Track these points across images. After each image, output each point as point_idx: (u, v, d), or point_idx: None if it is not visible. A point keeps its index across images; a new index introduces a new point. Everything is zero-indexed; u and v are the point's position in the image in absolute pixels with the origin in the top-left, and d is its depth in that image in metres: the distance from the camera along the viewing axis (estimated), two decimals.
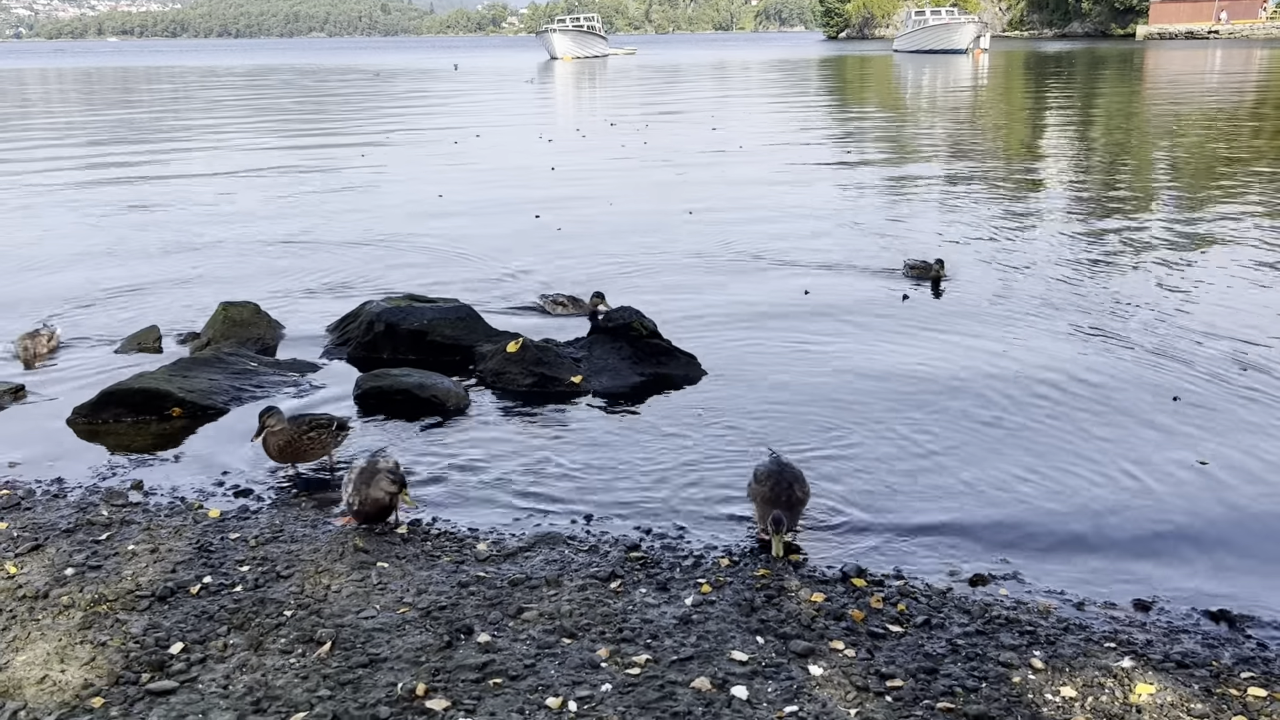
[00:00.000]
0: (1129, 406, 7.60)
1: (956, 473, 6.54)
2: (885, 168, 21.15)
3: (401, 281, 11.61)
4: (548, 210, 16.26)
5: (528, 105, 43.50)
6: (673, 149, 24.70)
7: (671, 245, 13.54)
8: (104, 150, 26.41)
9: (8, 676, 4.42)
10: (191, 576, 5.25)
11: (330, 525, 5.91)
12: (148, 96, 52.02)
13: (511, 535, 5.80)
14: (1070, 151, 23.44)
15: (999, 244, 13.32)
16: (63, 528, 5.85)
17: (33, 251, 13.58)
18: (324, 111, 40.49)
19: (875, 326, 9.77)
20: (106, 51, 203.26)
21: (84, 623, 4.83)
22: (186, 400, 7.62)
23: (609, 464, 6.78)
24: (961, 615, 4.93)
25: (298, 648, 4.61)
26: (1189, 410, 7.51)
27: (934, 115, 33.64)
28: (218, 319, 9.27)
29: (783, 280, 11.58)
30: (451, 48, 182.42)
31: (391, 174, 21.08)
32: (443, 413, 7.74)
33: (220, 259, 13.12)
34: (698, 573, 5.33)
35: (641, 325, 8.81)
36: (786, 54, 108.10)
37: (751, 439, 7.11)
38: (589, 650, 4.58)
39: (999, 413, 7.53)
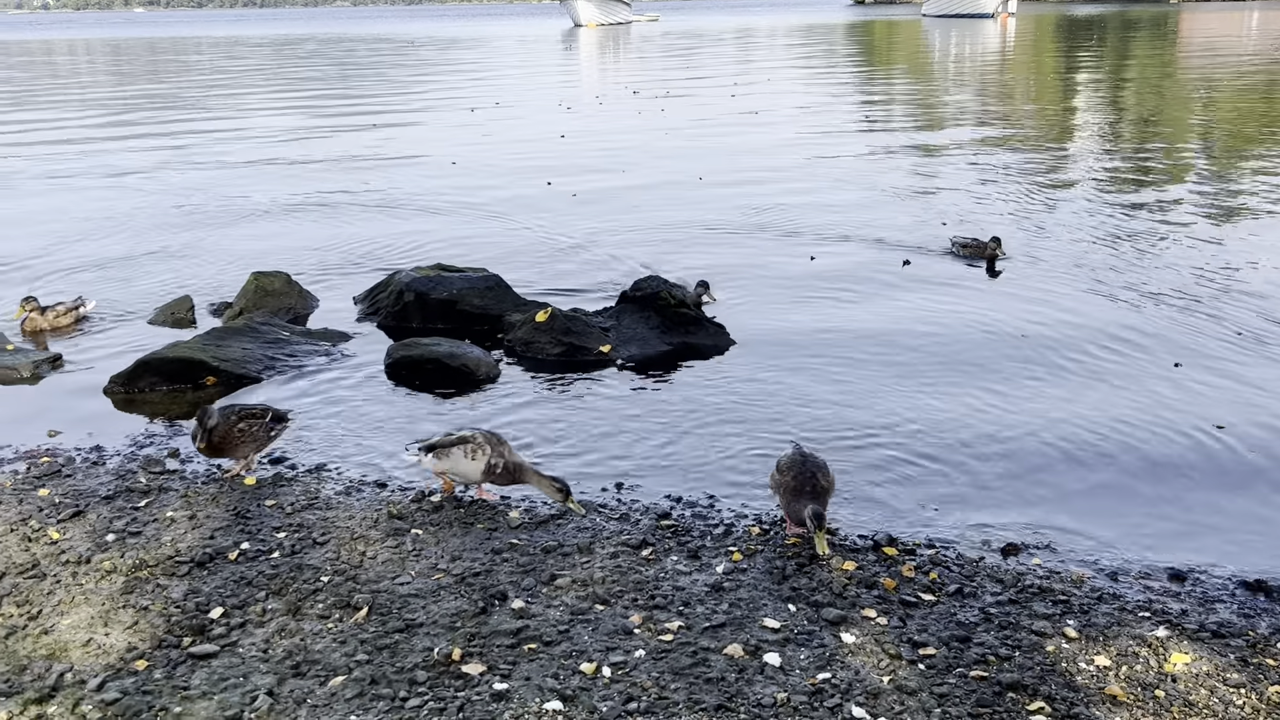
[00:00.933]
0: (1160, 375, 7.54)
1: (988, 442, 6.52)
2: (906, 135, 20.93)
3: (421, 249, 11.66)
4: (561, 177, 16.33)
5: (550, 73, 43.29)
6: (690, 117, 24.64)
7: (686, 213, 13.57)
8: (133, 121, 26.54)
9: (54, 639, 4.51)
10: (230, 543, 5.33)
11: (363, 492, 5.97)
12: (177, 67, 52.18)
13: (543, 503, 5.84)
14: (1100, 119, 23.11)
15: (1032, 215, 13.18)
16: (103, 494, 5.94)
17: (65, 222, 13.69)
18: (347, 81, 40.47)
19: (903, 297, 9.71)
20: (133, 22, 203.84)
21: (126, 587, 4.92)
22: (221, 369, 7.70)
23: (638, 432, 6.80)
24: (994, 584, 4.93)
25: (335, 613, 4.68)
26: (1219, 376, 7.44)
27: (956, 82, 33.21)
28: (250, 289, 9.34)
29: (799, 249, 11.51)
30: (475, 15, 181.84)
31: (407, 142, 21.08)
32: (473, 381, 7.78)
33: (250, 228, 13.20)
34: (728, 541, 5.35)
35: (670, 295, 8.80)
36: (811, 19, 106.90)
37: (779, 408, 7.11)
38: (622, 617, 4.62)
39: (1034, 384, 7.49)
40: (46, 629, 4.60)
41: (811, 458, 5.45)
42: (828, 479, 5.37)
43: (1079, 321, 8.76)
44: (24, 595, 4.88)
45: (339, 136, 22.35)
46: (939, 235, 11.83)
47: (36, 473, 6.28)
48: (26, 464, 6.43)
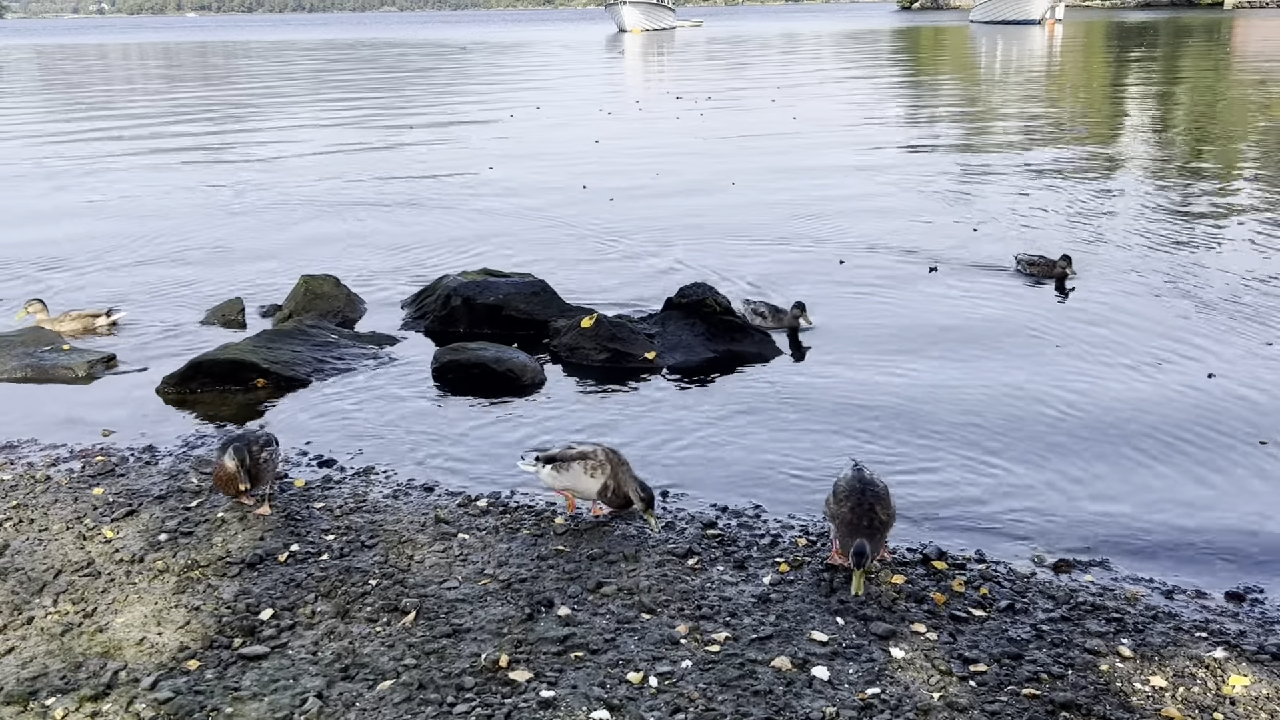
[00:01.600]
0: (1218, 397, 7.40)
1: (1040, 457, 6.44)
2: (948, 143, 20.76)
3: (462, 253, 11.74)
4: (596, 180, 16.49)
5: (593, 78, 43.40)
6: (729, 122, 24.66)
7: (722, 217, 13.60)
8: (184, 125, 26.96)
9: (108, 637, 4.58)
10: (279, 544, 5.38)
11: (410, 496, 6.00)
12: (228, 71, 52.93)
13: (589, 509, 5.84)
14: (1152, 127, 22.76)
15: (1088, 228, 13.01)
16: (155, 494, 6.02)
17: (119, 223, 13.93)
18: (396, 86, 40.83)
19: (950, 306, 9.61)
20: (185, 26, 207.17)
21: (178, 587, 4.98)
22: (271, 371, 7.79)
23: (683, 440, 6.79)
24: (1046, 601, 4.86)
25: (383, 616, 4.71)
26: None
27: (999, 89, 32.87)
28: (299, 291, 9.45)
29: (833, 254, 11.42)
30: (520, 20, 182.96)
31: (450, 147, 21.24)
32: (518, 386, 7.81)
33: (298, 231, 13.35)
34: (775, 551, 5.32)
35: (715, 302, 8.78)
36: (856, 25, 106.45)
37: (826, 418, 7.06)
38: (668, 626, 4.61)
39: (1088, 402, 7.37)
40: (101, 627, 4.67)
41: (871, 486, 5.08)
42: (887, 511, 5.01)
43: (1146, 345, 8.62)
44: (79, 593, 4.95)
45: (385, 141, 22.55)
46: (970, 242, 11.72)
47: (91, 471, 6.38)
48: (81, 463, 6.53)
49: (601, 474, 5.50)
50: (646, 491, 5.49)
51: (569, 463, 5.56)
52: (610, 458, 5.55)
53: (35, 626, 4.68)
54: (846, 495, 5.04)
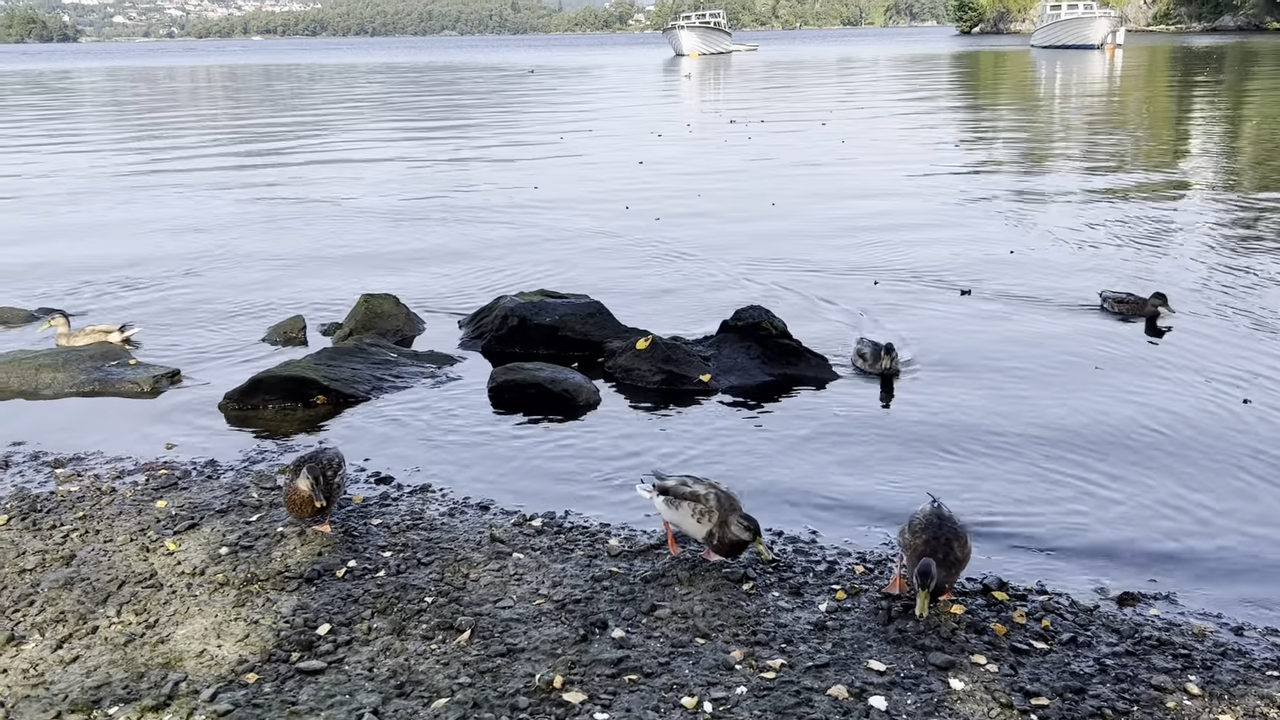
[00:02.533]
0: None
1: (1103, 488, 6.31)
2: (998, 167, 20.52)
3: (512, 273, 11.82)
4: (640, 201, 16.73)
5: (648, 102, 43.60)
6: (776, 145, 24.73)
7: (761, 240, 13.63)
8: (250, 146, 27.53)
9: (170, 648, 4.65)
10: (337, 560, 5.43)
11: (466, 514, 6.03)
12: (293, 93, 54.01)
13: (643, 532, 5.83)
14: (1207, 155, 22.32)
15: (1154, 257, 12.78)
16: (216, 508, 6.12)
17: (186, 241, 14.23)
18: (455, 107, 41.36)
19: (1007, 333, 9.48)
20: (252, 49, 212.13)
21: (238, 600, 5.04)
22: (330, 388, 7.89)
23: (738, 464, 6.76)
24: (1110, 634, 4.75)
25: (438, 634, 4.73)
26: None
27: (1052, 115, 32.46)
28: (359, 310, 9.58)
29: (866, 280, 11.34)
30: (579, 45, 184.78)
31: (502, 169, 21.47)
32: (573, 407, 7.83)
33: (358, 250, 13.54)
34: (831, 578, 5.26)
35: (771, 325, 8.75)
36: (913, 49, 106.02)
37: (880, 444, 6.99)
38: (723, 651, 4.57)
39: (1153, 432, 7.22)
40: (163, 638, 4.74)
41: (949, 522, 4.93)
42: (964, 550, 4.87)
43: (1215, 377, 8.44)
44: (142, 604, 5.04)
45: (441, 161, 22.83)
46: (1013, 267, 11.57)
47: (155, 484, 6.50)
48: (145, 476, 6.66)
49: (708, 520, 5.27)
50: (751, 522, 5.23)
51: (680, 500, 5.37)
52: (721, 503, 5.30)
53: (99, 636, 4.77)
54: (923, 528, 4.90)
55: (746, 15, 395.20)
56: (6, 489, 6.48)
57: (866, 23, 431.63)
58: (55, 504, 6.20)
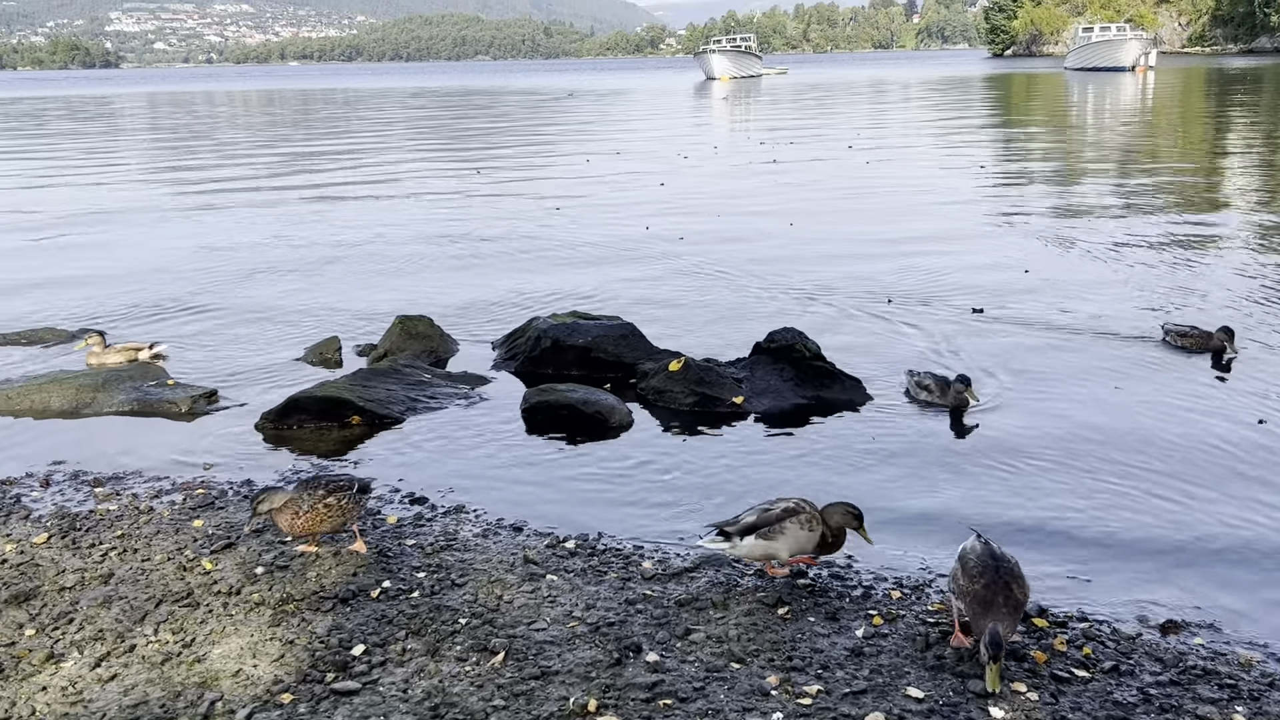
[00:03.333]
0: None
1: (1145, 515, 6.21)
2: (1021, 190, 20.39)
3: (539, 294, 11.86)
4: (660, 222, 16.99)
5: (677, 124, 43.74)
6: (800, 166, 25.01)
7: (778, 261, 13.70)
8: (287, 167, 27.86)
9: (206, 667, 4.67)
10: (371, 580, 5.44)
11: (499, 536, 6.03)
12: (332, 117, 54.67)
13: (676, 555, 5.80)
14: (1247, 179, 22.07)
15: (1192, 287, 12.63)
16: (252, 528, 6.15)
17: (219, 262, 14.40)
18: (491, 131, 41.70)
19: (1039, 360, 9.39)
20: (289, 75, 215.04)
21: (273, 620, 5.06)
22: (365, 409, 7.93)
23: (772, 487, 6.71)
24: (1153, 663, 4.66)
25: (472, 656, 4.72)
26: None
27: (1076, 136, 32.24)
28: (394, 331, 9.64)
29: (881, 301, 11.28)
30: (611, 69, 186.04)
31: (519, 189, 21.70)
32: (606, 428, 7.83)
33: (392, 271, 13.64)
34: (868, 604, 5.21)
35: (805, 347, 8.71)
36: (944, 72, 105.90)
37: (917, 467, 6.93)
38: (758, 677, 4.53)
39: (1200, 459, 7.10)
40: (199, 657, 4.76)
41: (1005, 562, 4.70)
42: (1023, 591, 4.64)
43: (1254, 403, 8.31)
44: (179, 623, 5.07)
45: (475, 185, 22.99)
46: (1025, 292, 11.47)
47: (192, 504, 6.55)
48: (183, 495, 6.71)
49: (817, 524, 5.25)
50: (855, 508, 5.33)
51: (781, 524, 5.27)
52: (808, 503, 5.32)
53: (137, 654, 4.80)
54: (980, 571, 4.63)
55: (777, 39, 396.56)
56: (47, 507, 6.55)
57: (898, 45, 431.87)
58: (94, 522, 6.26)
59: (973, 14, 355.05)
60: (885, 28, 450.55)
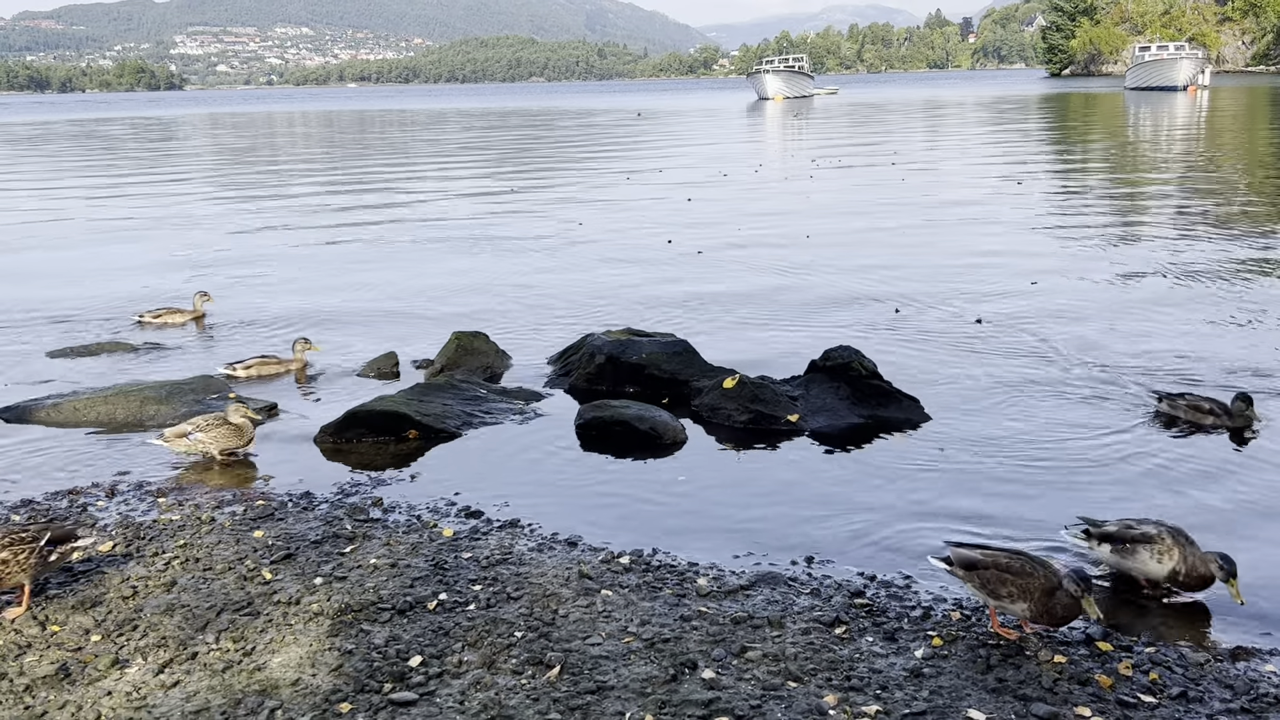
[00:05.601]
0: None
1: (1216, 539, 6.06)
2: (1062, 214, 20.07)
3: (588, 307, 11.90)
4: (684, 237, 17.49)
5: (725, 143, 43.73)
6: (837, 185, 25.35)
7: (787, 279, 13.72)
8: (349, 184, 28.30)
9: (266, 676, 4.72)
10: (428, 593, 5.48)
11: (554, 550, 6.04)
12: (399, 136, 55.50)
13: (731, 572, 5.77)
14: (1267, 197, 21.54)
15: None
16: (311, 539, 6.22)
17: (283, 275, 14.65)
18: (528, 150, 42.05)
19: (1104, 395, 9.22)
20: (348, 96, 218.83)
21: (332, 630, 5.11)
22: (422, 423, 8.00)
23: (828, 505, 6.66)
24: (1223, 690, 4.54)
25: (528, 669, 4.72)
26: None
27: (1116, 155, 31.71)
28: (450, 347, 9.73)
29: (894, 311, 11.14)
30: (665, 90, 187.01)
31: (546, 208, 21.83)
32: (660, 445, 7.82)
33: (448, 286, 13.78)
34: (927, 624, 5.14)
35: (861, 365, 8.65)
36: (998, 91, 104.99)
37: (972, 488, 6.83)
38: (815, 696, 4.48)
39: (1248, 486, 6.94)
40: (259, 666, 4.82)
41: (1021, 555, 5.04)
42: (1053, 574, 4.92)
43: None
44: (239, 632, 5.13)
45: (527, 203, 23.20)
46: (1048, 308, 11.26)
47: (252, 515, 6.65)
48: (244, 506, 6.81)
49: (1169, 559, 5.15)
50: (1228, 561, 5.05)
51: (1134, 545, 5.24)
52: (1176, 537, 5.18)
53: (199, 662, 4.87)
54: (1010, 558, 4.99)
55: (832, 59, 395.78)
56: (112, 516, 6.68)
57: (953, 65, 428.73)
58: (158, 532, 6.38)
59: (1029, 33, 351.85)
60: (940, 47, 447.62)
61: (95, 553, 6.03)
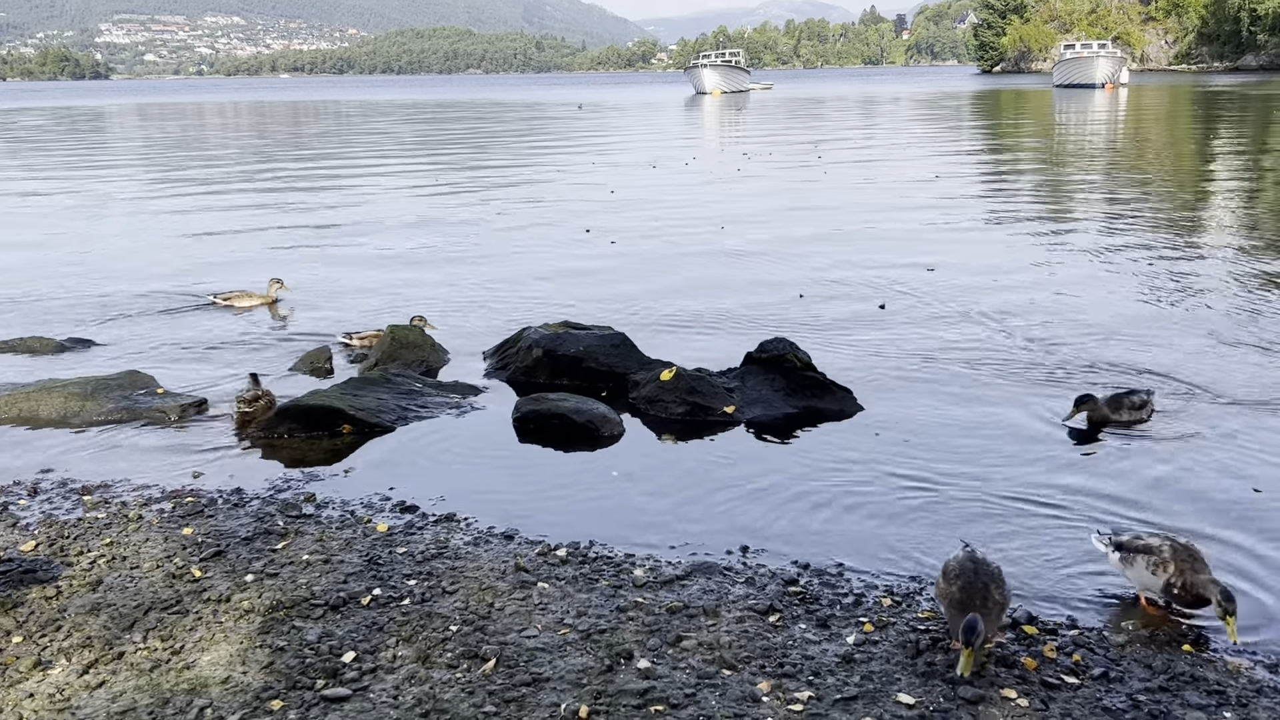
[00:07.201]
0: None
1: (1136, 525, 6.23)
2: (962, 200, 20.53)
3: (531, 304, 11.89)
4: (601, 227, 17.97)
5: (660, 137, 43.83)
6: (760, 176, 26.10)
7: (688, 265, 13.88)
8: (281, 175, 27.84)
9: (195, 675, 4.65)
10: (362, 588, 5.43)
11: (491, 544, 6.02)
12: (326, 130, 54.68)
13: (667, 563, 5.80)
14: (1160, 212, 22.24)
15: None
16: (242, 535, 6.13)
17: (207, 270, 14.38)
18: (461, 143, 41.77)
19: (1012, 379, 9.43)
20: (283, 87, 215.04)
21: (263, 627, 5.04)
22: (356, 418, 7.92)
23: (763, 496, 6.72)
24: (1142, 670, 4.68)
25: (463, 663, 4.71)
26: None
27: (1016, 147, 32.48)
28: (385, 340, 9.63)
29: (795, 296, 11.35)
30: (603, 83, 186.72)
31: (477, 201, 21.76)
32: (597, 438, 7.83)
33: (382, 282, 13.64)
34: (859, 611, 5.22)
35: (796, 357, 8.73)
36: (931, 88, 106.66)
37: (907, 476, 6.95)
38: (749, 683, 4.53)
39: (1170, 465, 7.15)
40: (188, 664, 4.74)
41: (984, 566, 4.85)
42: (1002, 594, 4.77)
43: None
44: (168, 630, 5.04)
45: (460, 194, 23.04)
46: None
47: (181, 512, 6.53)
48: (172, 503, 6.69)
49: (1163, 572, 5.10)
50: (1228, 600, 4.87)
51: (1134, 555, 5.23)
52: (1178, 553, 5.12)
53: (125, 662, 4.78)
54: (957, 574, 4.81)
55: (769, 55, 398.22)
56: (35, 515, 6.52)
57: (888, 61, 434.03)
58: (83, 530, 6.24)
59: (962, 30, 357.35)
60: (875, 44, 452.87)
61: (17, 553, 5.88)
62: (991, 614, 4.65)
